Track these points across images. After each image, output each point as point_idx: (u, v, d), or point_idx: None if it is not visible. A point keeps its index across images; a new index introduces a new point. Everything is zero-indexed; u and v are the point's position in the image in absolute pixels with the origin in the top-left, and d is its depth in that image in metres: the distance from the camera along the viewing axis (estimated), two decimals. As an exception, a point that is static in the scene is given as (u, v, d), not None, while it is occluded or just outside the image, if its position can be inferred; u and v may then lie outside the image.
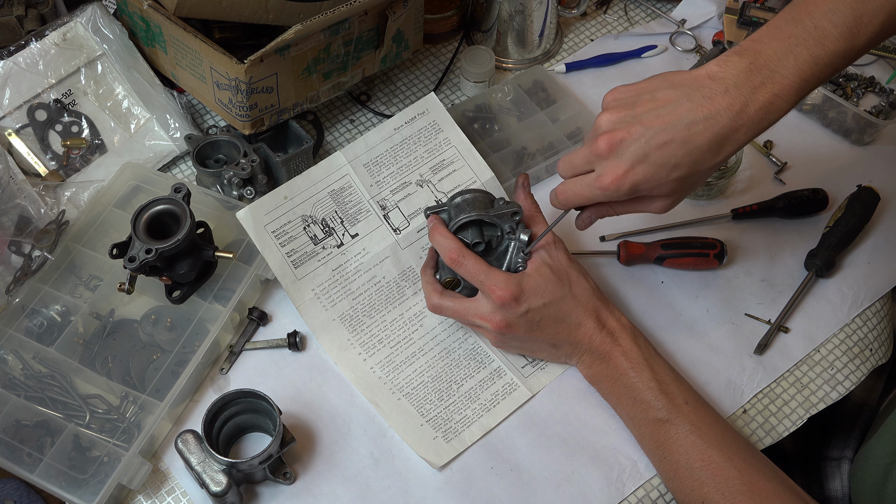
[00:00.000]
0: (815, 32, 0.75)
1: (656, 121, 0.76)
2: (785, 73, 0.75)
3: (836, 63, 0.76)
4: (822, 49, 0.75)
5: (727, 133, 0.76)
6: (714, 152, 0.76)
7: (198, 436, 0.84)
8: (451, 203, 0.92)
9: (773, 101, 0.75)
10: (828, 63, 0.76)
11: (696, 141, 0.75)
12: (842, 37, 0.75)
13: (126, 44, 1.11)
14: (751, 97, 0.75)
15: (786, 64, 0.75)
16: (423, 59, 1.24)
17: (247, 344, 0.97)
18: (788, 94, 0.75)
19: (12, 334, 0.93)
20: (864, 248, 1.05)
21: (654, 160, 0.76)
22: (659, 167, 0.76)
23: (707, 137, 0.75)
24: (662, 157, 0.76)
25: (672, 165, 0.76)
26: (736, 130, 0.76)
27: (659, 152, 0.76)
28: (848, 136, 1.15)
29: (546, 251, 0.90)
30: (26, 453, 0.86)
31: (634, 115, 0.77)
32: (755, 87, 0.75)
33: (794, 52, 0.75)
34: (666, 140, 0.76)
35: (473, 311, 0.89)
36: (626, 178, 0.77)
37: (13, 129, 1.06)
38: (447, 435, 0.91)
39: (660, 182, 0.77)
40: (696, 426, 0.84)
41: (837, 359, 0.98)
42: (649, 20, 1.29)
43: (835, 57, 0.75)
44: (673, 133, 0.76)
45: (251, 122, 1.02)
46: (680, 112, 0.76)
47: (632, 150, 0.76)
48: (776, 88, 0.75)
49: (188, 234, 0.91)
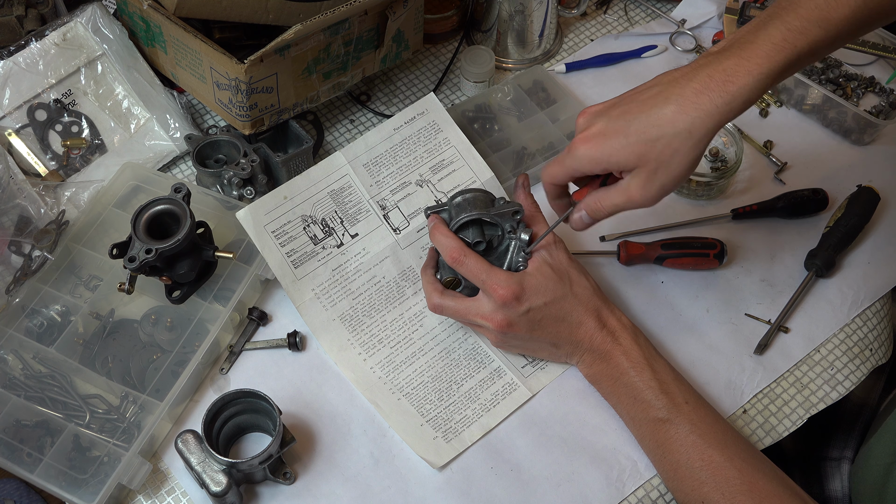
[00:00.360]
0: (789, 6, 0.76)
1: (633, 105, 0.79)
2: (754, 40, 0.75)
3: (810, 30, 0.75)
4: (794, 15, 0.75)
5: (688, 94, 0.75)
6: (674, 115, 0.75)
7: (198, 436, 0.84)
8: (452, 202, 0.92)
9: (739, 62, 0.75)
10: (800, 28, 0.75)
11: (648, 93, 0.77)
12: (816, 7, 0.75)
13: (126, 44, 1.11)
14: (717, 60, 0.76)
15: (757, 34, 0.75)
16: (423, 59, 1.24)
17: (247, 344, 0.97)
18: (757, 56, 0.74)
19: (12, 334, 0.93)
20: (864, 248, 1.05)
21: (612, 113, 0.79)
22: (613, 118, 0.78)
23: (660, 90, 0.77)
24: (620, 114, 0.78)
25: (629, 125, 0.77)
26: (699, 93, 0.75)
27: (615, 110, 0.79)
28: (848, 136, 1.15)
29: (547, 251, 0.90)
30: (26, 453, 0.86)
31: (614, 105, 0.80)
32: (724, 57, 0.76)
33: (766, 24, 0.76)
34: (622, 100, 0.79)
35: (475, 310, 0.89)
36: (586, 135, 0.79)
37: (13, 129, 1.06)
38: (447, 435, 0.91)
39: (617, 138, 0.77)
40: (696, 426, 0.84)
41: (837, 359, 0.98)
42: (649, 20, 1.29)
43: (808, 23, 0.75)
44: (633, 95, 0.79)
45: (251, 122, 1.02)
46: (646, 84, 0.80)
47: (604, 118, 0.79)
48: (744, 53, 0.75)
49: (188, 234, 0.91)
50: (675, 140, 0.76)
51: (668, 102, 0.76)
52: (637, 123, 0.77)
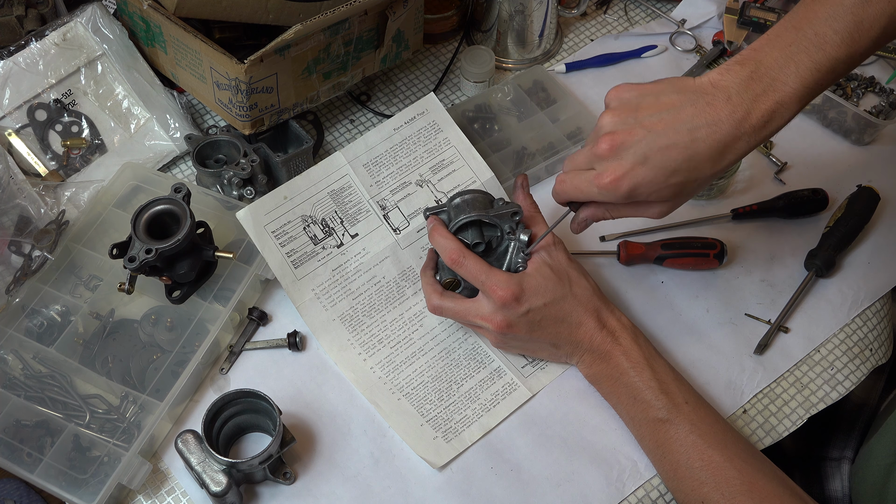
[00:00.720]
0: (815, 39, 0.75)
1: (659, 124, 0.76)
2: (786, 81, 0.75)
3: (839, 69, 0.76)
4: (823, 55, 0.75)
5: (729, 141, 0.75)
6: (714, 160, 0.76)
7: (198, 436, 0.84)
8: (451, 204, 0.92)
9: (775, 108, 0.75)
10: (830, 69, 0.75)
11: (698, 147, 0.75)
12: (843, 42, 0.75)
13: (126, 44, 1.11)
14: (753, 105, 0.75)
15: (787, 71, 0.75)
16: (423, 59, 1.24)
17: (247, 344, 0.97)
18: (791, 101, 0.75)
19: (12, 334, 0.93)
20: (864, 248, 1.05)
21: (654, 163, 0.76)
22: (658, 171, 0.76)
23: (708, 144, 0.75)
24: (662, 160, 0.76)
25: (672, 170, 0.76)
26: (738, 139, 0.75)
27: (659, 156, 0.76)
28: (848, 136, 1.15)
29: (546, 251, 0.90)
30: (26, 453, 0.86)
31: (637, 118, 0.77)
32: (757, 96, 0.75)
33: (794, 59, 0.75)
34: (667, 144, 0.76)
35: (474, 311, 0.89)
36: (624, 180, 0.77)
37: (13, 129, 1.06)
38: (447, 435, 0.91)
39: (658, 186, 0.77)
40: (696, 426, 0.84)
41: (837, 359, 0.98)
42: (649, 20, 1.29)
43: (836, 63, 0.75)
44: (675, 137, 0.76)
45: (251, 122, 1.02)
46: (683, 117, 0.76)
47: (632, 153, 0.76)
48: (778, 96, 0.75)
49: (188, 234, 0.91)
50: (709, 180, 0.79)
51: (709, 147, 0.76)
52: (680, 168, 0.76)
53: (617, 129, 0.77)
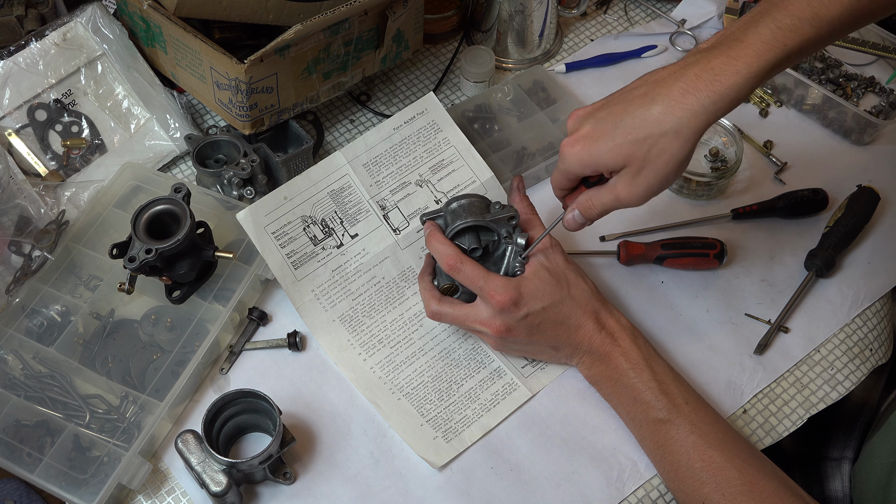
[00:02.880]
0: (781, 3, 0.75)
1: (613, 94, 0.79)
2: (743, 38, 0.74)
3: (801, 29, 0.74)
4: (784, 13, 0.74)
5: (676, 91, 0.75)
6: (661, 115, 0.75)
7: (198, 436, 0.84)
8: (447, 209, 0.92)
9: (727, 62, 0.74)
10: (790, 27, 0.74)
11: (644, 98, 0.76)
12: (808, 4, 0.74)
13: (126, 44, 1.11)
14: (705, 59, 0.75)
15: (747, 32, 0.75)
16: (423, 59, 1.24)
17: (247, 344, 0.97)
18: (746, 56, 0.74)
19: (12, 334, 0.93)
20: (864, 248, 1.05)
21: (601, 118, 0.78)
22: (605, 122, 0.77)
23: (646, 90, 0.76)
24: (610, 116, 0.77)
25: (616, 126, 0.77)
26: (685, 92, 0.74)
27: (607, 115, 0.78)
28: (848, 136, 1.15)
29: (544, 254, 0.90)
30: (26, 453, 0.86)
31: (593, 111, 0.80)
32: (712, 56, 0.75)
33: (756, 22, 0.75)
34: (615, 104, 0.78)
35: (473, 316, 0.89)
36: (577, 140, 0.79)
37: (13, 129, 1.06)
38: (447, 435, 0.91)
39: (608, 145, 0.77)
40: (696, 426, 0.84)
41: (837, 359, 0.98)
42: (649, 20, 1.29)
43: (799, 22, 0.74)
44: (624, 96, 0.78)
45: (251, 122, 1.02)
46: (633, 84, 0.79)
47: (588, 120, 0.79)
48: (733, 52, 0.74)
49: (188, 234, 0.91)
50: (662, 140, 0.75)
51: (655, 102, 0.75)
52: (623, 124, 0.76)
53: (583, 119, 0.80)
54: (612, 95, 0.80)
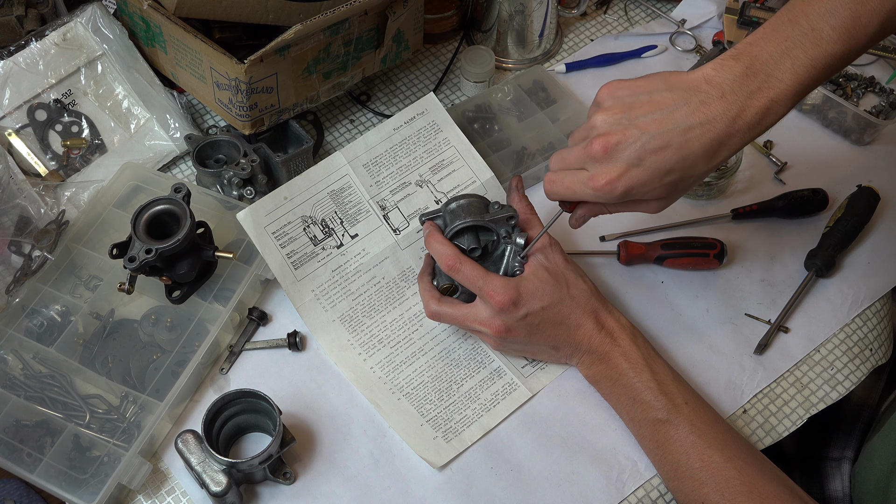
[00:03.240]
0: (811, 35, 0.74)
1: (652, 125, 0.75)
2: (781, 77, 0.74)
3: (834, 65, 0.75)
4: (819, 51, 0.74)
5: (722, 139, 0.75)
6: (708, 157, 0.76)
7: (198, 436, 0.84)
8: (446, 209, 0.92)
9: (769, 105, 0.75)
10: (825, 65, 0.75)
11: (692, 147, 0.75)
12: (840, 39, 0.74)
13: (126, 44, 1.11)
14: (747, 102, 0.74)
15: (782, 67, 0.74)
16: (423, 59, 1.24)
17: (247, 344, 0.97)
18: (785, 98, 0.75)
19: (12, 334, 0.93)
20: (864, 248, 1.05)
21: (648, 165, 0.76)
22: (652, 172, 0.76)
23: (702, 143, 0.75)
24: (657, 161, 0.76)
25: (666, 171, 0.76)
26: (731, 136, 0.75)
27: (653, 157, 0.76)
28: (848, 136, 1.15)
29: (543, 254, 0.90)
30: (26, 453, 0.86)
31: (630, 118, 0.76)
32: (751, 92, 0.75)
33: (790, 55, 0.75)
34: (661, 145, 0.75)
35: (472, 316, 0.89)
36: (618, 182, 0.77)
37: (13, 129, 1.06)
38: (447, 435, 0.91)
39: (653, 186, 0.77)
40: (695, 426, 0.84)
41: (837, 359, 0.98)
42: (649, 20, 1.29)
43: (832, 59, 0.75)
44: (668, 138, 0.75)
45: (251, 122, 1.02)
46: (676, 117, 0.75)
47: (626, 154, 0.76)
48: (772, 93, 0.75)
49: (188, 234, 0.91)
50: (702, 177, 0.79)
51: (703, 144, 0.75)
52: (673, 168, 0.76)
53: (610, 129, 0.77)
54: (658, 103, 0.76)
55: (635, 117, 0.76)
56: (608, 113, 0.78)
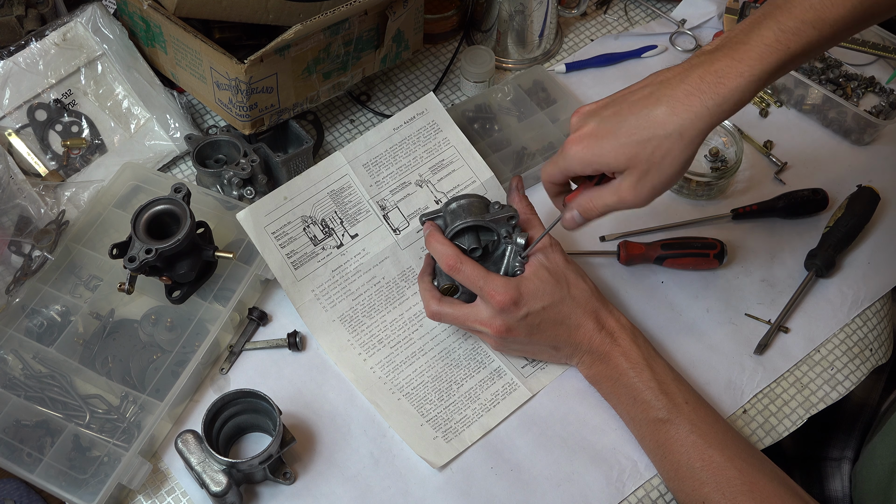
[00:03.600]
0: (784, 6, 0.75)
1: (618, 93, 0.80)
2: (747, 41, 0.74)
3: (804, 31, 0.74)
4: (788, 16, 0.74)
5: (679, 96, 0.75)
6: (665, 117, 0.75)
7: (198, 436, 0.84)
8: (447, 209, 0.92)
9: (730, 64, 0.74)
10: (794, 29, 0.74)
11: (646, 103, 0.76)
12: (811, 7, 0.74)
13: (126, 44, 1.11)
14: (707, 65, 0.75)
15: (750, 35, 0.75)
16: (423, 59, 1.24)
17: (247, 344, 0.97)
18: (749, 58, 0.74)
19: (12, 334, 0.93)
20: (864, 248, 1.05)
21: (606, 118, 0.78)
22: (609, 122, 0.77)
23: (657, 98, 0.76)
24: (615, 117, 0.77)
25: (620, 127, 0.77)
26: (689, 95, 0.74)
27: (611, 114, 0.78)
28: (848, 136, 1.15)
29: (543, 254, 0.90)
30: (26, 453, 0.86)
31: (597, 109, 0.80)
32: (715, 58, 0.75)
33: (759, 24, 0.75)
34: (620, 106, 0.78)
35: (473, 316, 0.89)
36: (581, 137, 0.79)
37: (13, 129, 1.07)
38: (447, 435, 0.91)
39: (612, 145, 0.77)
40: (696, 426, 0.84)
41: (837, 359, 0.98)
42: (649, 20, 1.29)
43: (802, 24, 0.74)
44: (629, 98, 0.78)
45: (251, 122, 1.02)
46: (637, 84, 0.79)
47: (594, 118, 0.79)
48: (736, 54, 0.74)
49: (188, 234, 0.91)
50: (666, 141, 0.75)
51: (659, 103, 0.75)
52: (628, 125, 0.76)
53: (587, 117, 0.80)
54: (617, 94, 0.80)
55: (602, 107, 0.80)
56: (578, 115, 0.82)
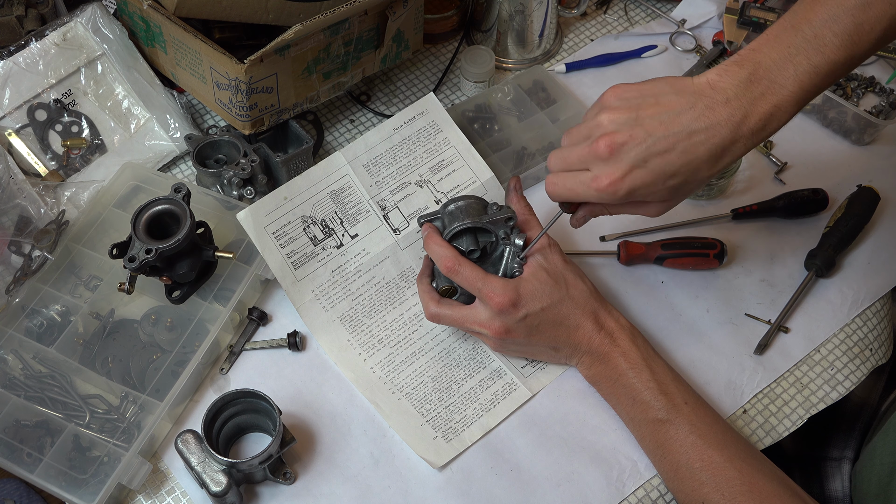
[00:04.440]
0: (814, 41, 0.75)
1: (659, 127, 0.75)
2: (784, 84, 0.75)
3: (837, 72, 0.75)
4: (821, 58, 0.75)
5: (727, 144, 0.75)
6: (712, 162, 0.76)
7: (198, 436, 0.84)
8: (445, 210, 0.92)
9: (772, 112, 0.75)
10: (828, 72, 0.75)
11: (696, 151, 0.75)
12: (842, 45, 0.74)
13: (126, 44, 1.11)
14: (751, 108, 0.75)
15: (785, 74, 0.75)
16: (423, 59, 1.24)
17: (247, 344, 0.97)
18: (788, 104, 0.75)
19: (12, 334, 0.93)
20: (864, 248, 1.05)
21: (653, 167, 0.76)
22: (657, 174, 0.76)
23: (707, 148, 0.75)
24: (661, 164, 0.76)
25: (670, 174, 0.76)
26: (735, 142, 0.76)
27: (658, 159, 0.76)
28: (848, 136, 1.15)
29: (542, 255, 0.90)
30: (26, 453, 0.86)
31: (637, 119, 0.76)
32: (755, 98, 0.75)
33: (793, 61, 0.75)
34: (666, 147, 0.75)
35: (472, 318, 0.89)
36: (622, 183, 0.76)
37: (13, 129, 1.06)
38: (447, 435, 0.91)
39: (656, 188, 0.77)
40: (695, 426, 0.84)
41: (837, 359, 0.98)
42: (649, 20, 1.29)
43: (835, 66, 0.75)
44: (674, 141, 0.75)
45: (251, 122, 1.02)
46: (682, 120, 0.75)
47: (631, 155, 0.76)
48: (776, 99, 0.75)
49: (188, 234, 0.91)
50: (705, 181, 0.79)
51: (707, 150, 0.76)
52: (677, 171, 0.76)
53: (617, 129, 0.76)
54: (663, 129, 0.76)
55: (642, 118, 0.76)
56: (615, 113, 0.77)
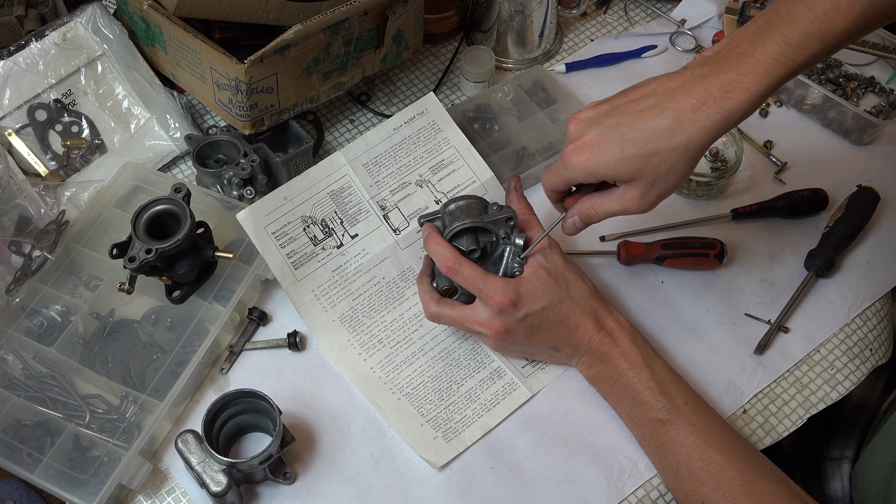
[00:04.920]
0: (787, 16, 0.75)
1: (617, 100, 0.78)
2: (752, 53, 0.74)
3: (809, 44, 0.74)
4: (792, 28, 0.74)
5: (684, 109, 0.75)
6: (672, 130, 0.75)
7: (198, 436, 0.84)
8: (445, 210, 0.92)
9: (737, 78, 0.74)
10: (799, 42, 0.74)
11: (650, 114, 0.75)
12: (816, 19, 0.74)
13: (126, 44, 1.11)
14: (713, 73, 0.75)
15: (755, 46, 0.75)
16: (423, 59, 1.24)
17: (247, 344, 0.97)
18: (755, 72, 0.74)
19: (12, 334, 0.93)
20: (864, 248, 1.05)
21: (608, 131, 0.77)
22: (611, 138, 0.77)
23: (662, 110, 0.75)
24: (616, 129, 0.77)
25: (625, 138, 0.76)
26: (696, 108, 0.74)
27: (614, 125, 0.77)
28: (848, 136, 1.15)
29: (542, 255, 0.89)
30: (26, 453, 0.86)
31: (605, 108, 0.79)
32: (719, 67, 0.75)
33: (763, 35, 0.75)
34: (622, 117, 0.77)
35: (472, 318, 0.89)
36: (580, 147, 0.78)
37: (13, 129, 1.06)
38: (447, 435, 0.91)
39: (614, 157, 0.77)
40: (695, 426, 0.84)
41: (837, 359, 0.98)
42: (649, 20, 1.29)
43: (807, 37, 0.74)
44: (630, 108, 0.77)
45: (251, 122, 1.02)
46: (640, 92, 0.78)
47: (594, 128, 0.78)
48: (742, 67, 0.74)
49: (188, 234, 0.91)
50: (672, 154, 0.76)
51: (664, 116, 0.75)
52: (633, 137, 0.76)
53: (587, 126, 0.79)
54: (617, 101, 0.79)
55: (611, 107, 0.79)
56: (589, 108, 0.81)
